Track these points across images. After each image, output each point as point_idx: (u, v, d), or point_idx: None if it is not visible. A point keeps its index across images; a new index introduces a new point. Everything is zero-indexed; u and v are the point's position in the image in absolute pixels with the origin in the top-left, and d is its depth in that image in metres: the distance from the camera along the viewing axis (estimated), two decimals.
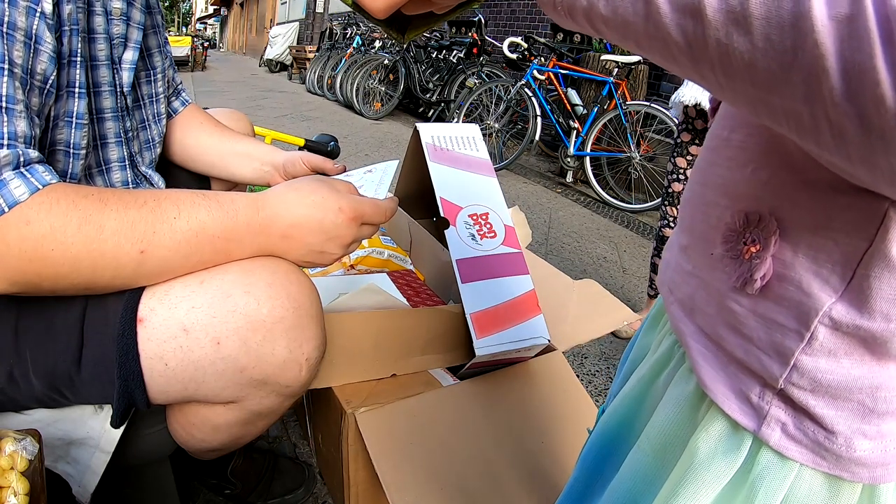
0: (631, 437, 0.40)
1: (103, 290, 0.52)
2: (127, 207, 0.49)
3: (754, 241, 0.29)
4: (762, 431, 0.29)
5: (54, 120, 0.54)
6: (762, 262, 0.28)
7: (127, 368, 0.52)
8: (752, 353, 0.30)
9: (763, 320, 0.29)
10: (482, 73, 4.83)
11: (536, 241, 2.51)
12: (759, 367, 0.29)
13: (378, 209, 0.60)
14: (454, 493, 0.71)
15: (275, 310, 0.54)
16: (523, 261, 0.88)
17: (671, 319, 0.37)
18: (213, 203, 0.53)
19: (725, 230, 0.31)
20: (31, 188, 0.45)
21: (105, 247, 0.47)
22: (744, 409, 0.30)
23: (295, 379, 0.57)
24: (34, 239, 0.45)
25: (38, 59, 0.49)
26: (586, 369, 1.50)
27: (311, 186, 0.58)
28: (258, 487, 0.95)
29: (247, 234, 0.55)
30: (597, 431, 0.45)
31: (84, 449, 0.58)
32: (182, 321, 0.52)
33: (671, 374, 0.37)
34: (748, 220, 0.30)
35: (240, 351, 0.53)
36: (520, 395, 0.85)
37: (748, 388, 0.30)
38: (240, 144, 0.84)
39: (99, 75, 0.61)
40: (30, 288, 0.47)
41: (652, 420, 0.36)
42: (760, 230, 0.29)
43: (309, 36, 11.62)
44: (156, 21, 0.74)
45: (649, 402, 0.39)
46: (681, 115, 1.61)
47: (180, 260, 0.52)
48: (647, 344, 0.44)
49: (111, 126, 0.64)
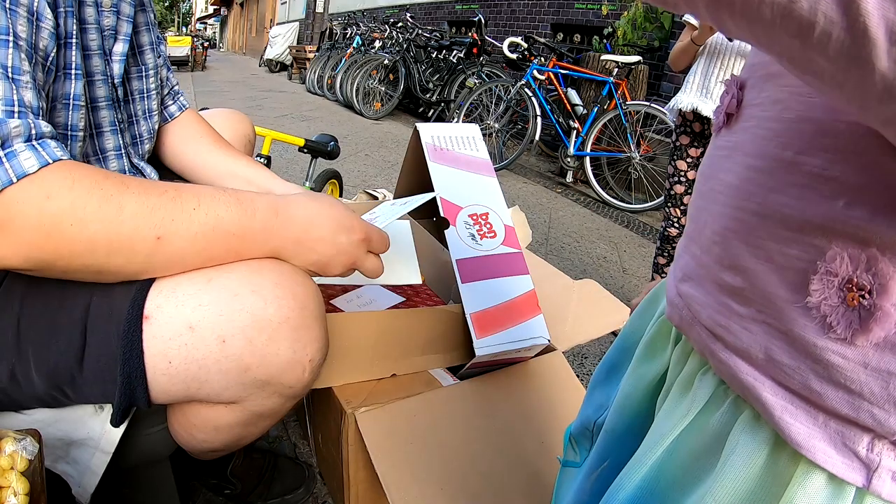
0: (668, 494, 0.36)
1: (113, 276, 0.51)
2: (148, 193, 0.49)
3: (863, 287, 0.25)
4: (873, 485, 0.27)
5: (52, 102, 0.55)
6: (883, 312, 0.25)
7: (130, 366, 0.52)
8: (861, 409, 0.27)
9: (877, 373, 0.26)
10: (482, 73, 4.83)
11: (536, 241, 2.51)
12: (872, 423, 0.26)
13: (382, 238, 0.63)
14: (454, 493, 0.71)
15: (281, 309, 0.54)
16: (523, 261, 0.88)
17: (722, 367, 0.32)
18: (233, 200, 0.54)
19: (823, 275, 0.27)
20: (42, 161, 0.45)
21: (123, 229, 0.47)
22: (850, 464, 0.27)
23: (298, 380, 0.57)
24: (53, 213, 0.45)
25: (40, 36, 0.50)
26: (586, 369, 1.50)
27: (330, 200, 0.61)
28: (258, 487, 0.95)
29: (261, 235, 0.55)
30: (622, 486, 0.38)
31: (84, 449, 0.58)
32: (188, 319, 0.52)
33: (723, 422, 0.32)
34: (852, 262, 0.26)
35: (244, 350, 0.53)
36: (520, 395, 0.85)
37: (854, 443, 0.27)
38: (240, 166, 0.82)
39: (92, 64, 0.62)
40: (43, 266, 0.47)
41: (717, 477, 0.32)
42: (872, 275, 0.25)
43: (309, 36, 11.62)
44: (148, 18, 0.74)
45: (688, 453, 0.35)
46: (678, 119, 1.62)
47: (193, 252, 0.52)
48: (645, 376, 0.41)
49: (106, 115, 0.65)
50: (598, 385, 0.49)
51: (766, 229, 0.29)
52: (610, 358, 0.49)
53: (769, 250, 0.29)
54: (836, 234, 0.26)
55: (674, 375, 0.37)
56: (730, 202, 0.32)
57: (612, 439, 0.43)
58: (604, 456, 0.44)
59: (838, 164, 0.26)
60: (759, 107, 0.31)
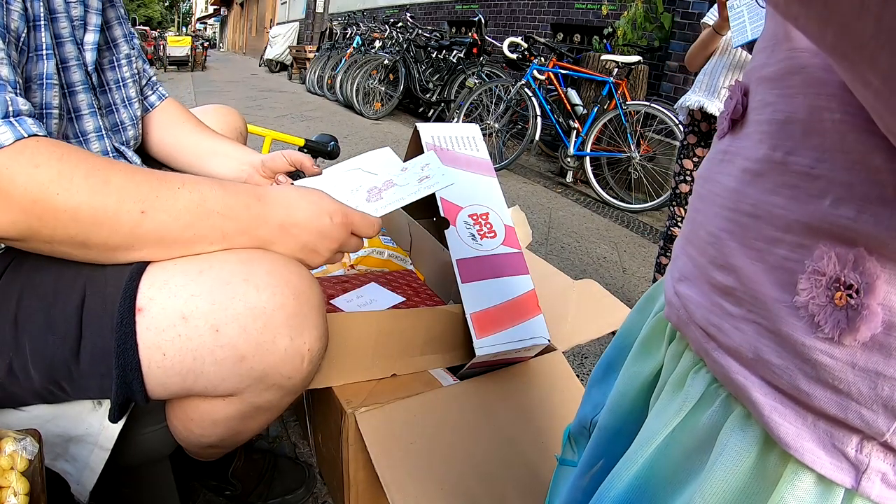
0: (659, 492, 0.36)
1: (98, 250, 0.52)
2: (134, 171, 0.52)
3: (851, 286, 0.25)
4: (861, 486, 0.27)
5: (27, 83, 0.56)
6: (870, 311, 0.25)
7: (125, 359, 0.52)
8: (850, 409, 0.26)
9: (865, 373, 0.26)
10: (482, 73, 4.83)
11: (536, 241, 2.51)
12: (860, 424, 0.26)
13: (367, 222, 0.64)
14: (454, 493, 0.71)
15: (275, 297, 0.54)
16: (523, 261, 0.88)
17: (715, 367, 0.32)
18: (217, 183, 0.57)
19: (811, 274, 0.27)
20: (17, 134, 0.46)
21: (108, 200, 0.49)
22: (838, 465, 0.27)
23: (296, 370, 0.57)
24: (41, 181, 0.46)
25: (11, 18, 0.52)
26: (586, 369, 1.50)
27: (309, 188, 0.63)
28: (258, 488, 0.95)
29: (245, 217, 0.56)
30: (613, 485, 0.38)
31: (83, 446, 0.58)
32: (181, 309, 0.52)
33: (713, 421, 0.32)
34: (839, 261, 0.25)
35: (239, 338, 0.53)
36: (520, 395, 0.85)
37: (843, 444, 0.27)
38: (219, 144, 0.85)
39: (65, 51, 0.63)
40: (29, 234, 0.48)
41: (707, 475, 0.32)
42: (859, 274, 0.25)
43: (309, 36, 11.62)
44: (119, 13, 0.76)
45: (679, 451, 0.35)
46: (686, 118, 1.64)
47: (178, 228, 0.53)
48: (639, 374, 0.40)
49: (83, 98, 0.66)
50: (595, 383, 0.49)
51: (757, 230, 0.29)
52: (608, 356, 0.49)
53: (760, 250, 0.29)
54: (824, 233, 0.26)
55: (667, 374, 0.37)
56: (726, 204, 0.32)
57: (606, 437, 0.43)
58: (597, 454, 0.44)
59: (825, 162, 0.26)
60: (756, 111, 0.32)
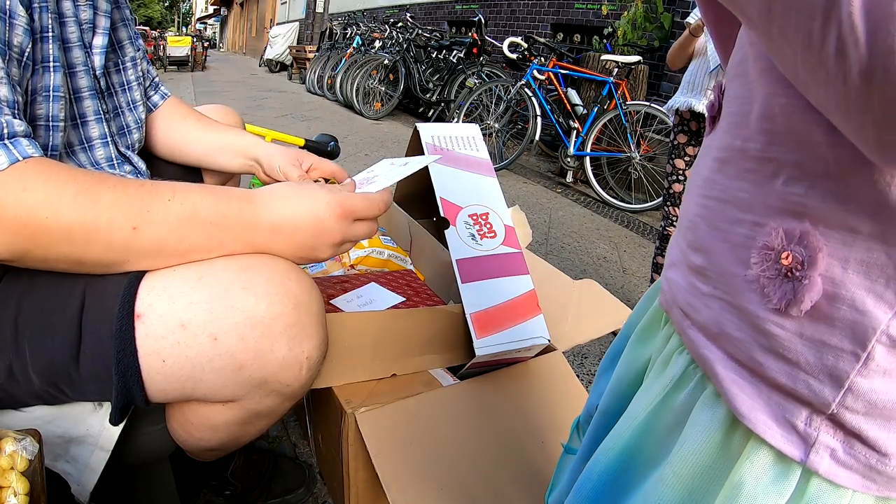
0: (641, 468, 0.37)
1: (94, 266, 0.52)
2: (125, 186, 0.51)
3: (797, 258, 0.27)
4: (810, 460, 0.28)
5: (32, 95, 0.56)
6: (811, 281, 0.26)
7: (125, 365, 0.52)
8: (798, 378, 0.28)
9: (811, 343, 0.27)
10: (482, 73, 4.83)
11: (536, 241, 2.51)
12: (808, 393, 0.28)
13: (369, 202, 0.60)
14: (454, 493, 0.71)
15: (273, 306, 0.54)
16: (523, 261, 0.88)
17: (689, 344, 0.34)
18: (208, 191, 0.55)
19: (761, 249, 0.28)
20: (12, 158, 0.46)
21: (99, 219, 0.48)
22: (789, 437, 0.28)
23: (295, 378, 0.57)
24: (30, 205, 0.46)
25: (14, 33, 0.51)
26: (586, 369, 1.50)
27: (302, 184, 0.60)
28: (258, 488, 0.95)
29: (237, 224, 0.55)
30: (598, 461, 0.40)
31: (83, 447, 0.58)
32: (180, 317, 0.52)
33: (689, 399, 0.34)
34: (787, 236, 0.27)
35: (237, 347, 0.53)
36: (520, 395, 0.85)
37: (793, 416, 0.28)
38: (225, 137, 0.85)
39: (73, 56, 0.62)
40: (22, 255, 0.48)
41: (677, 451, 0.33)
42: (804, 247, 0.26)
43: (309, 36, 11.62)
44: (124, 15, 0.76)
45: (661, 429, 0.36)
46: (675, 119, 1.65)
47: (173, 241, 0.52)
48: (637, 359, 0.41)
49: (90, 104, 0.65)
50: (602, 373, 0.50)
51: (725, 213, 0.32)
52: (614, 347, 0.50)
53: (725, 231, 0.31)
54: (777, 210, 0.28)
55: (656, 355, 0.39)
56: (701, 192, 0.34)
57: (604, 421, 0.44)
58: (596, 436, 0.45)
59: (775, 144, 0.28)
60: (726, 105, 0.34)
